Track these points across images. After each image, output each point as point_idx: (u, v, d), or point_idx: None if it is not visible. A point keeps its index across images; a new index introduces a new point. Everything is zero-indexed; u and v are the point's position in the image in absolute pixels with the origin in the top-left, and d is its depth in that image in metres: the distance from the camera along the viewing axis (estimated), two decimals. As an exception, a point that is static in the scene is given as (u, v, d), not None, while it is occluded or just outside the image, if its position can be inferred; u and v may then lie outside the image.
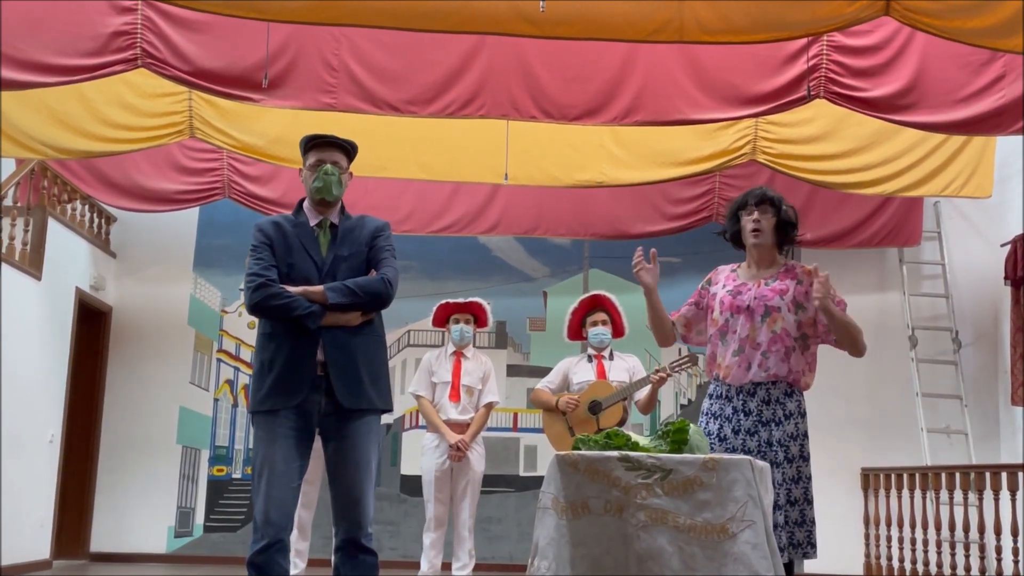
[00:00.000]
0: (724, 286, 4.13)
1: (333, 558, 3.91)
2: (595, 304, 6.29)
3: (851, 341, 3.95)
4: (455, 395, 6.42)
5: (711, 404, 4.11)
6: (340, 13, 5.44)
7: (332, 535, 3.97)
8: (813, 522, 3.94)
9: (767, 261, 4.13)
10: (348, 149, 4.08)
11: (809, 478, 3.96)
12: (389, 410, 4.02)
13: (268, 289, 3.81)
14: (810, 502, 3.94)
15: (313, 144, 4.03)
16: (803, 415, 4.02)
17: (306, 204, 4.05)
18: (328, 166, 3.96)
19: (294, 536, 6.42)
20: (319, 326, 3.80)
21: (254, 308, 3.85)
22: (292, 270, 3.89)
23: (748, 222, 4.09)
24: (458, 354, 6.54)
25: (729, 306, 4.05)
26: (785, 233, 4.11)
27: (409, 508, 9.09)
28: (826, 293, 3.84)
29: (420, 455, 6.59)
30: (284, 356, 3.81)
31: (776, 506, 3.82)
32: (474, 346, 6.74)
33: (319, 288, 3.83)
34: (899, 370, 8.87)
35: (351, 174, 4.11)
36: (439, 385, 6.47)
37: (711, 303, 4.15)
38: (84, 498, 9.15)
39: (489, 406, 6.51)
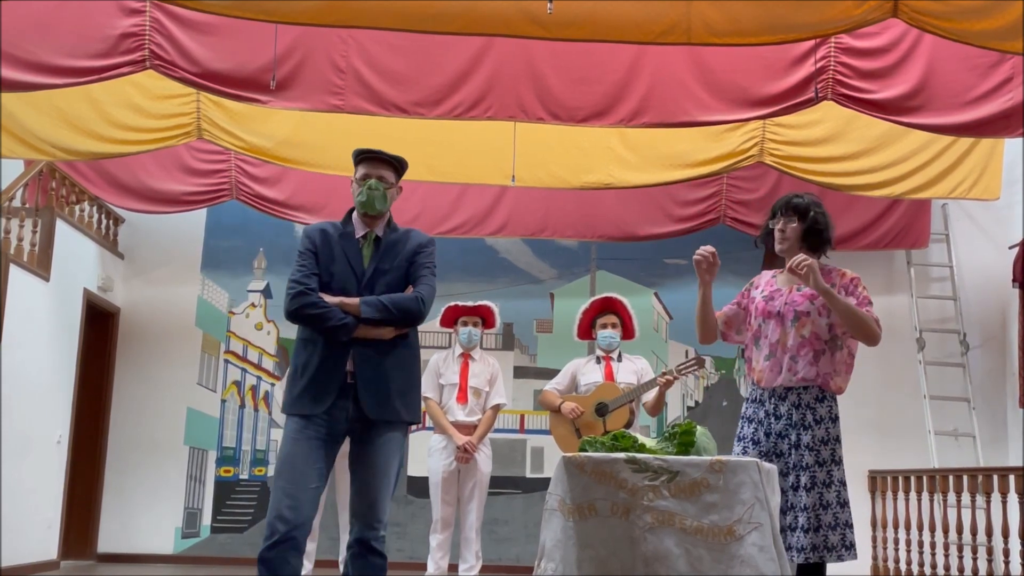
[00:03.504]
0: (762, 291, 4.19)
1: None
2: (606, 307, 6.29)
3: (857, 327, 3.96)
4: (462, 397, 6.42)
5: (747, 408, 4.18)
6: (348, 15, 5.45)
7: (339, 535, 4.00)
8: (848, 525, 4.01)
9: None
10: (396, 165, 4.16)
11: (842, 482, 4.04)
12: (416, 423, 4.09)
13: (306, 298, 3.91)
14: (844, 504, 4.01)
15: (362, 158, 4.14)
16: (835, 420, 4.09)
17: (354, 214, 4.15)
18: (373, 181, 4.06)
19: (301, 537, 6.43)
20: (352, 338, 3.88)
21: (290, 315, 3.97)
22: (332, 279, 3.99)
23: (775, 231, 4.14)
24: (465, 356, 6.54)
25: (762, 311, 4.11)
26: (815, 239, 4.11)
27: (416, 510, 9.08)
28: (812, 277, 3.86)
29: (427, 456, 6.59)
30: (316, 363, 3.91)
31: (803, 508, 3.91)
32: (481, 348, 6.73)
33: (355, 300, 3.92)
34: (907, 372, 8.85)
35: (400, 188, 4.19)
36: (446, 387, 6.47)
37: (750, 307, 4.20)
38: (91, 499, 9.18)
39: (496, 408, 6.51)
